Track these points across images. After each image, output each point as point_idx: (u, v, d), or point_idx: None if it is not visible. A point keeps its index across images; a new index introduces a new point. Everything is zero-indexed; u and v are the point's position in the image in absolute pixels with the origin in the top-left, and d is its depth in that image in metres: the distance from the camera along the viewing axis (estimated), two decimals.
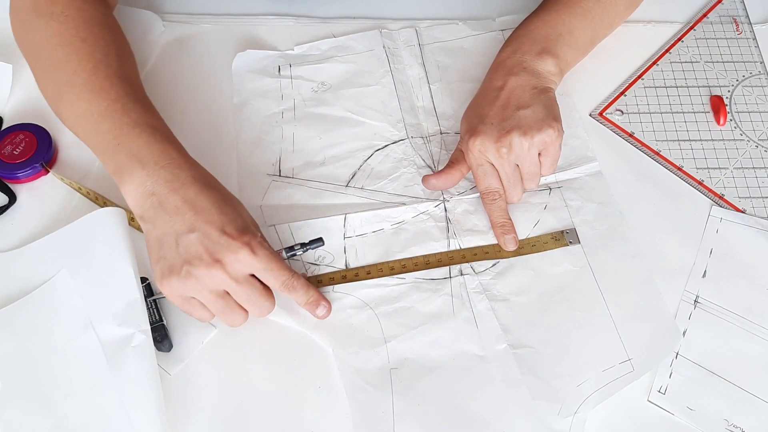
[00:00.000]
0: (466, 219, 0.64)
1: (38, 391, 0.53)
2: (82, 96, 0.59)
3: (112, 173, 0.57)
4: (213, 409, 0.55)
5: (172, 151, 0.57)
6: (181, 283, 0.53)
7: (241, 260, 0.53)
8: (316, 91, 0.72)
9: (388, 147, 0.68)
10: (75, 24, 0.62)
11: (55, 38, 0.61)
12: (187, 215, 0.53)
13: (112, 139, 0.57)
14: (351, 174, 0.67)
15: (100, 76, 0.59)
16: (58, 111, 0.62)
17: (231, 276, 0.53)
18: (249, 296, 0.55)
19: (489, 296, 0.60)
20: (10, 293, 0.58)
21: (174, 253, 0.53)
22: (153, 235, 0.54)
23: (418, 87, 0.72)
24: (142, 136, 0.57)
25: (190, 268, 0.52)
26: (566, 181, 0.66)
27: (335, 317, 0.58)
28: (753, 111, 0.72)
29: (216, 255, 0.52)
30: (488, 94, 0.65)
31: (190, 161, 0.57)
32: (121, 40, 0.65)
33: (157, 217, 0.54)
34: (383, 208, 0.64)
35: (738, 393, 0.56)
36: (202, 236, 0.53)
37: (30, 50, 0.64)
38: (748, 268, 0.62)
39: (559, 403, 0.55)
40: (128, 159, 0.56)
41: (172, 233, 0.53)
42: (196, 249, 0.53)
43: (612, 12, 0.71)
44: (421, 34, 0.76)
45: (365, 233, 0.63)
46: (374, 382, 0.56)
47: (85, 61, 0.60)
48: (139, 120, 0.58)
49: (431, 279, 0.61)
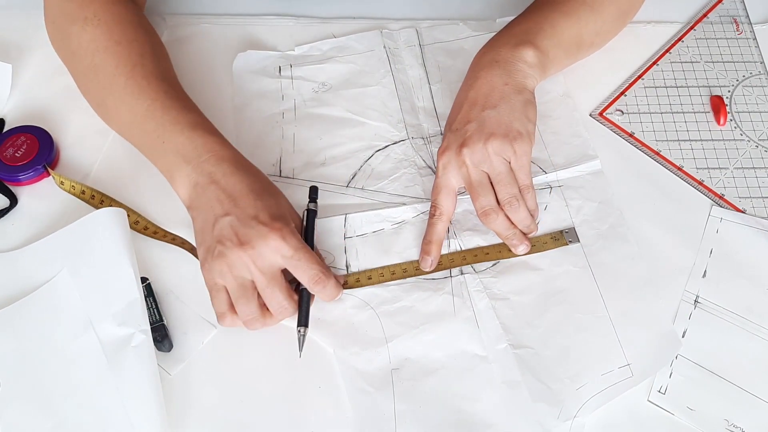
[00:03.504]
0: (466, 218, 0.64)
1: (38, 391, 0.53)
2: (124, 99, 0.61)
3: (163, 172, 0.60)
4: (213, 409, 0.55)
5: (213, 143, 0.58)
6: (213, 263, 0.54)
7: (270, 246, 0.53)
8: (316, 91, 0.72)
9: (388, 147, 0.68)
10: (108, 27, 0.62)
11: (91, 44, 0.62)
12: (225, 202, 0.55)
13: (156, 138, 0.59)
14: (351, 174, 0.67)
15: (138, 78, 0.61)
16: (105, 118, 0.64)
17: (258, 264, 0.53)
18: (271, 290, 0.54)
19: (489, 295, 0.60)
20: (11, 293, 0.58)
21: (210, 237, 0.55)
22: (197, 223, 0.57)
23: (418, 87, 0.72)
24: (184, 132, 0.58)
25: (221, 248, 0.54)
26: (567, 179, 0.66)
27: (336, 317, 0.58)
28: (753, 111, 0.72)
29: (245, 238, 0.53)
30: (459, 96, 0.64)
31: (231, 152, 0.59)
32: (154, 38, 0.66)
33: (200, 206, 0.56)
34: (383, 208, 0.64)
35: (738, 393, 0.56)
36: (235, 220, 0.54)
37: (69, 59, 0.65)
38: (748, 268, 0.62)
39: (558, 406, 0.55)
40: (174, 156, 0.58)
41: (212, 219, 0.55)
42: (228, 232, 0.54)
43: (600, 18, 0.68)
44: (421, 35, 0.76)
45: (365, 233, 0.63)
46: (375, 384, 0.56)
47: (123, 65, 0.61)
48: (179, 117, 0.59)
49: (432, 279, 0.61)
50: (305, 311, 0.56)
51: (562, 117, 0.70)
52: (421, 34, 0.76)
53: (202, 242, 0.56)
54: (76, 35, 0.63)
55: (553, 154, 0.68)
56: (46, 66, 0.72)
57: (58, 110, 0.70)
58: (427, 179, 0.66)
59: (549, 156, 0.67)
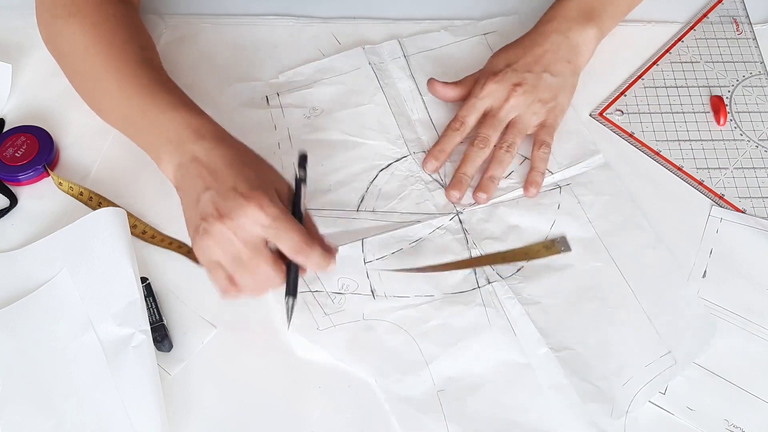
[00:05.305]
0: (482, 228, 0.63)
1: (38, 391, 0.53)
2: (110, 88, 0.61)
3: (150, 155, 0.60)
4: (213, 409, 0.55)
5: (195, 121, 0.58)
6: (201, 241, 0.53)
7: (249, 216, 0.52)
8: (308, 117, 0.70)
9: (391, 165, 0.67)
10: (93, 22, 0.63)
11: (75, 37, 0.63)
12: (206, 177, 0.54)
13: (140, 121, 0.60)
14: (359, 198, 0.65)
15: (121, 66, 0.61)
16: (95, 108, 0.64)
17: (239, 236, 0.52)
18: (256, 261, 0.53)
19: (521, 300, 0.59)
20: (11, 293, 0.58)
21: (195, 214, 0.54)
22: (183, 203, 0.56)
23: (411, 100, 0.71)
24: (166, 113, 0.58)
25: (205, 225, 0.52)
26: (574, 177, 0.66)
27: (371, 345, 0.57)
28: (753, 111, 0.72)
29: (224, 210, 0.52)
30: (524, 45, 0.69)
31: (211, 128, 0.58)
32: (139, 28, 0.66)
33: (185, 185, 0.56)
34: (398, 229, 0.63)
35: (738, 393, 0.56)
36: (215, 194, 0.53)
37: (58, 55, 0.66)
38: (748, 268, 0.62)
39: (609, 404, 0.54)
40: (157, 138, 0.58)
41: (194, 195, 0.54)
42: (209, 207, 0.53)
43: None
44: (405, 46, 0.75)
45: (385, 255, 0.62)
46: (424, 409, 0.55)
47: (106, 53, 0.62)
48: (161, 99, 0.59)
49: (460, 292, 0.60)
50: (293, 281, 0.54)
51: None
52: (404, 45, 0.75)
53: (190, 221, 0.55)
54: (62, 30, 0.63)
55: (556, 153, 0.67)
56: (46, 66, 0.71)
57: (58, 110, 0.70)
58: (436, 194, 0.65)
59: (553, 155, 0.67)
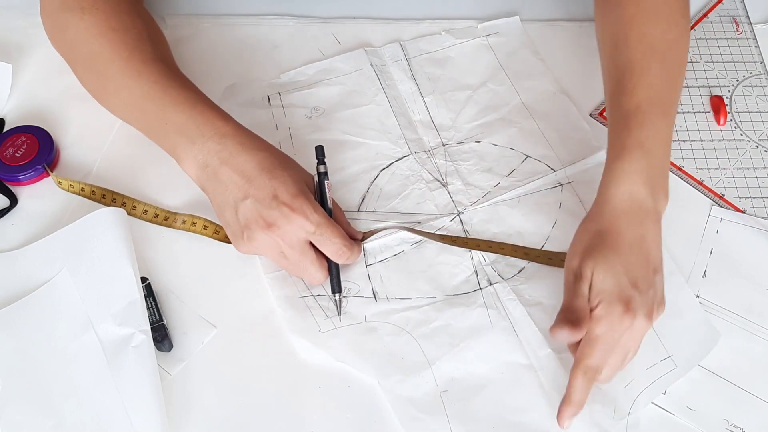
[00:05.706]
0: (483, 228, 0.63)
1: (38, 391, 0.53)
2: (123, 83, 0.61)
3: (168, 152, 0.60)
4: (213, 409, 0.55)
5: (216, 120, 0.59)
6: (247, 246, 0.57)
7: (295, 224, 0.55)
8: (309, 117, 0.70)
9: (392, 165, 0.67)
10: (105, 15, 0.63)
11: (87, 31, 0.62)
12: (240, 184, 0.56)
13: (158, 119, 0.60)
14: (360, 198, 0.65)
15: (136, 62, 0.61)
16: (105, 103, 0.64)
17: (286, 242, 0.56)
18: (299, 263, 0.57)
19: (523, 301, 0.59)
20: (11, 293, 0.58)
21: (235, 220, 0.57)
22: (215, 203, 0.58)
23: (412, 101, 0.71)
24: (185, 111, 0.59)
25: (249, 233, 0.56)
26: (576, 174, 0.66)
27: (373, 347, 0.57)
28: (753, 111, 0.72)
29: (270, 219, 0.55)
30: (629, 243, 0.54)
31: (235, 127, 0.59)
32: (152, 25, 0.66)
33: (214, 187, 0.58)
34: (398, 231, 0.62)
35: (738, 393, 0.56)
36: (256, 202, 0.56)
37: (66, 48, 0.65)
38: (748, 268, 0.62)
39: (611, 406, 0.54)
40: (177, 136, 0.59)
41: (231, 202, 0.57)
42: (253, 215, 0.56)
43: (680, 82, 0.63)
44: (406, 48, 0.75)
45: (387, 258, 0.62)
46: (427, 409, 0.55)
47: (120, 49, 0.61)
48: (179, 96, 0.60)
49: (462, 294, 0.60)
50: (336, 279, 0.59)
51: (560, 113, 0.70)
52: (405, 47, 0.75)
53: (227, 224, 0.58)
54: (72, 24, 0.63)
55: (558, 150, 0.68)
56: (46, 66, 0.72)
57: (58, 110, 0.70)
58: (437, 193, 0.65)
59: (555, 153, 0.67)
